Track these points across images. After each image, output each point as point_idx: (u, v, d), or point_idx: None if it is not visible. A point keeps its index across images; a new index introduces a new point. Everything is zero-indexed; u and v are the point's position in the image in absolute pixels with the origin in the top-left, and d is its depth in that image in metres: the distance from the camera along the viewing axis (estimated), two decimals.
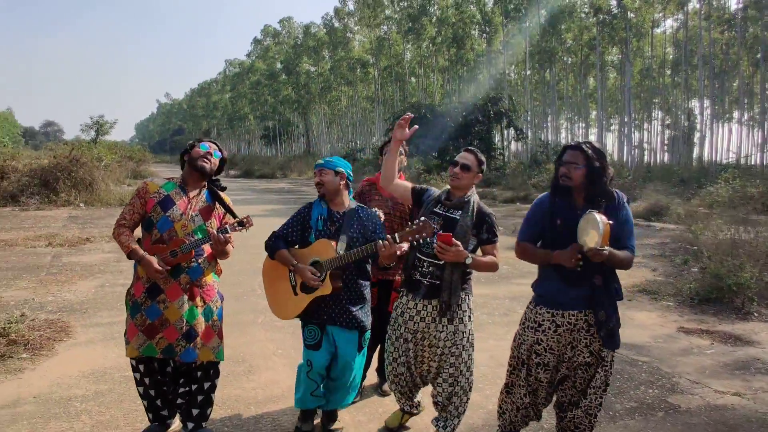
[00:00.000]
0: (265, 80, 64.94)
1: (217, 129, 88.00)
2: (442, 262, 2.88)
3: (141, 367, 3.01)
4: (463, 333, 2.98)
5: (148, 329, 2.91)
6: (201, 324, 2.98)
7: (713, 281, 6.42)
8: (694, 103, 39.03)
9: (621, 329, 5.42)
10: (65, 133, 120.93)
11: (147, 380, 3.03)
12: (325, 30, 55.93)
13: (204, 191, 3.07)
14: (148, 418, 3.13)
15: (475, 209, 2.99)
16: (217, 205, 3.09)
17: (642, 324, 5.65)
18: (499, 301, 6.49)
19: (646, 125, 45.82)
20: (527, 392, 2.89)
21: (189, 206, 2.98)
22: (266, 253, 3.15)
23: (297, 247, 3.12)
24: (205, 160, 3.01)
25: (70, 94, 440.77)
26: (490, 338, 5.12)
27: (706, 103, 35.47)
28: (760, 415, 3.62)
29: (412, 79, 52.63)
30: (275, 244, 3.09)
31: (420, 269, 2.97)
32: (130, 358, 3.00)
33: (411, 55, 51.63)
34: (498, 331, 5.38)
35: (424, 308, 2.97)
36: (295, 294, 3.03)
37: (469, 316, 3.02)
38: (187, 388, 3.07)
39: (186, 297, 2.95)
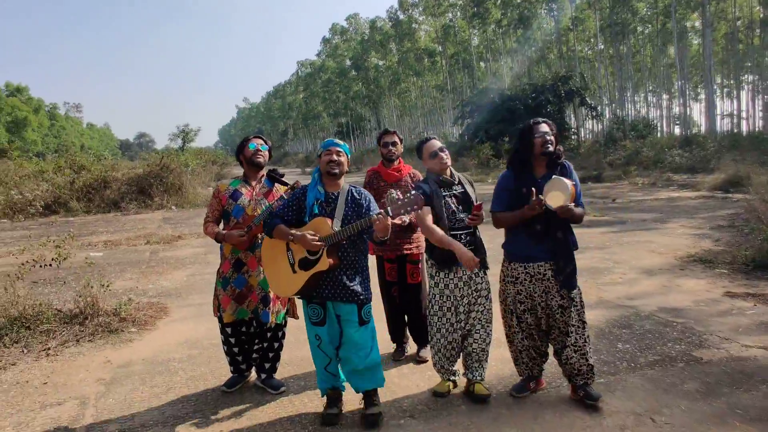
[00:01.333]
0: (336, 78, 66.60)
1: (293, 129, 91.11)
2: (472, 229, 3.44)
3: (229, 329, 3.68)
4: (488, 281, 3.52)
5: (239, 296, 3.59)
6: (272, 291, 3.63)
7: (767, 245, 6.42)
8: None
9: (663, 296, 5.62)
10: (156, 143, 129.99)
11: (233, 340, 3.70)
12: (390, 23, 56.54)
13: (263, 179, 3.74)
14: (230, 370, 3.85)
15: (465, 180, 3.60)
16: (276, 186, 3.75)
17: (688, 290, 5.81)
18: None
19: (737, 92, 42.89)
20: (523, 336, 3.44)
21: (254, 192, 3.65)
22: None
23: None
24: (258, 155, 3.68)
25: (158, 105, 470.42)
26: None
27: None
28: None
29: (481, 64, 52.20)
30: (272, 221, 3.22)
31: (460, 242, 3.35)
32: (224, 322, 3.66)
33: (478, 40, 51.22)
34: None
35: (464, 272, 3.42)
36: (294, 272, 3.15)
37: None
38: (261, 346, 3.78)
39: (260, 268, 3.57)
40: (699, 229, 9.42)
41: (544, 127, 3.26)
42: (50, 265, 5.52)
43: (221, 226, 3.71)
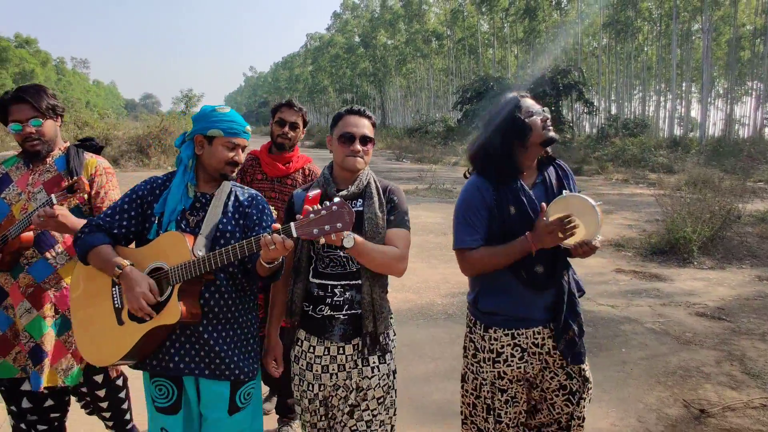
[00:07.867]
0: (344, 54, 67.19)
1: (299, 101, 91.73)
2: (359, 282, 2.01)
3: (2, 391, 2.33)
4: (394, 373, 2.14)
5: (1, 343, 2.30)
6: (51, 340, 2.30)
7: (666, 235, 7.48)
8: None
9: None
10: (161, 105, 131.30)
11: (14, 409, 2.36)
12: (401, 2, 56.97)
13: (56, 158, 2.36)
14: None
15: (379, 190, 2.09)
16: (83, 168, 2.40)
17: (584, 265, 6.83)
18: None
19: (730, 97, 43.60)
20: None
21: (30, 179, 2.31)
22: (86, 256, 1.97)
23: (128, 246, 2.03)
24: (32, 143, 2.28)
25: (166, 68, 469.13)
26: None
27: None
28: (614, 316, 4.91)
29: (490, 50, 52.80)
30: (90, 238, 1.93)
31: (330, 300, 2.02)
32: None
33: (486, 26, 51.78)
34: None
35: (341, 351, 2.04)
36: (120, 323, 1.90)
37: (394, 346, 2.16)
38: (52, 419, 2.40)
39: (28, 304, 2.27)
40: (635, 221, 10.45)
41: (537, 105, 2.09)
42: None
43: None
